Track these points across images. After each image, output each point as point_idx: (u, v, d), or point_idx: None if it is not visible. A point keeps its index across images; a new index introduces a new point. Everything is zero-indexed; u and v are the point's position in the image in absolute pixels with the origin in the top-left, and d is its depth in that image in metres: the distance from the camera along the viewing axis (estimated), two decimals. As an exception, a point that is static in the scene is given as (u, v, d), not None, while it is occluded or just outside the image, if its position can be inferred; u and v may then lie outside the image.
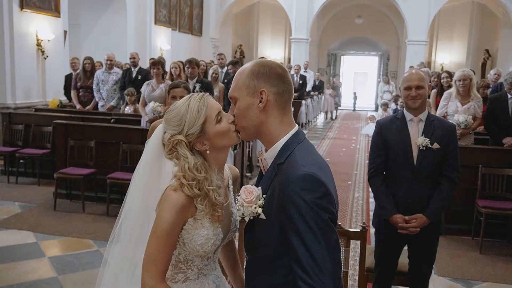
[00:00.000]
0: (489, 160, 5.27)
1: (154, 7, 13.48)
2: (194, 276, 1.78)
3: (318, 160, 1.56)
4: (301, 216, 1.42)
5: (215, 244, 1.72)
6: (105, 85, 7.96)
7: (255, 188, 1.55)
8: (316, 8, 16.89)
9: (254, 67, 1.58)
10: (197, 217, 1.67)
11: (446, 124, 3.14)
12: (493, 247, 5.11)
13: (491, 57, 18.35)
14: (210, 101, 1.69)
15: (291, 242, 1.45)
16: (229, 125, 1.65)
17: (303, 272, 1.42)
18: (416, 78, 3.03)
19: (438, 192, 3.04)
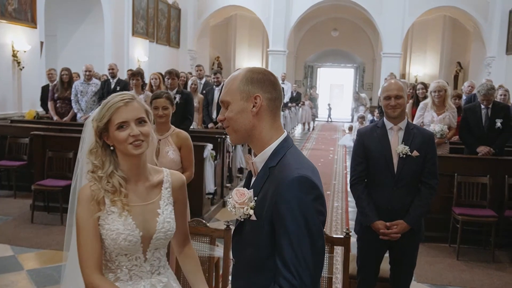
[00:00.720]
0: (464, 169, 5.40)
1: (131, 18, 13.46)
2: (125, 277, 1.82)
3: (310, 164, 1.63)
4: (294, 217, 1.48)
5: (129, 240, 1.77)
6: (84, 96, 7.89)
7: (246, 191, 1.60)
8: (293, 20, 17.10)
9: (248, 73, 1.63)
10: (108, 211, 1.77)
11: (425, 133, 3.23)
12: (469, 253, 5.22)
13: (463, 69, 18.85)
14: (124, 108, 1.75)
15: (280, 241, 1.51)
16: (128, 137, 1.74)
17: (287, 271, 1.47)
18: (395, 88, 3.12)
19: (418, 199, 3.11)
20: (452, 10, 16.89)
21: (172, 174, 1.96)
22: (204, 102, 7.86)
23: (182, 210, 1.99)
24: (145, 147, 1.79)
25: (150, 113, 1.87)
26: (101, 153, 1.80)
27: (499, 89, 7.53)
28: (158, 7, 15.61)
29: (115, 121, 1.76)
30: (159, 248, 1.89)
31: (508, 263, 5.03)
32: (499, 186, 5.34)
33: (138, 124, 1.78)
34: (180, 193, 1.96)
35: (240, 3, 17.47)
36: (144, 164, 1.87)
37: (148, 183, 1.88)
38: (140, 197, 1.85)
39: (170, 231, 1.88)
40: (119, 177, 1.79)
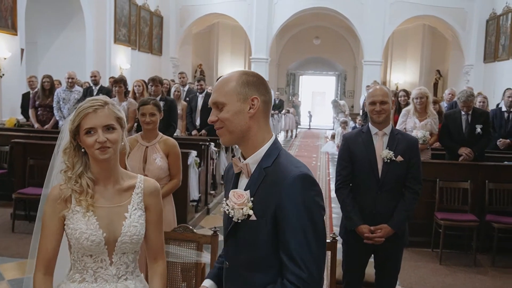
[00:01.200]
0: (446, 174, 5.49)
1: (113, 26, 13.40)
2: (91, 279, 1.85)
3: (304, 163, 1.69)
4: (300, 213, 1.56)
5: (91, 239, 1.79)
6: (66, 103, 7.81)
7: (244, 192, 1.63)
8: (275, 28, 17.21)
9: (243, 76, 1.66)
10: (73, 211, 1.81)
11: (409, 138, 3.28)
12: (452, 258, 5.29)
13: (442, 77, 19.17)
14: (92, 114, 1.79)
15: (285, 237, 1.56)
16: (95, 143, 1.77)
17: (295, 266, 1.53)
18: (381, 93, 3.17)
19: (401, 203, 3.15)
20: (431, 19, 17.21)
21: (146, 181, 1.98)
22: (188, 109, 7.84)
23: (155, 219, 1.96)
24: (111, 153, 1.82)
25: (123, 119, 1.89)
26: (73, 153, 1.85)
27: (478, 96, 7.68)
28: (140, 15, 15.58)
29: (83, 127, 1.80)
30: (127, 253, 1.88)
31: (490, 267, 5.11)
32: (480, 191, 5.44)
33: (106, 131, 1.80)
34: (152, 200, 1.95)
35: (222, 11, 17.53)
36: (113, 168, 1.89)
37: (118, 186, 1.90)
38: (108, 199, 1.87)
39: (136, 236, 1.87)
40: (88, 178, 1.84)
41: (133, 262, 1.93)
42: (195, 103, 7.88)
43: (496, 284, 4.70)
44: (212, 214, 6.87)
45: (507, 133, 6.75)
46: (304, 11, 17.11)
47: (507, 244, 5.37)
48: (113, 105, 1.87)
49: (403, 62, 19.99)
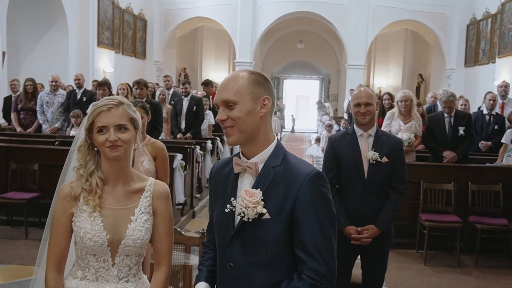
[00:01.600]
0: (430, 176, 5.55)
1: (96, 29, 13.28)
2: (92, 277, 1.86)
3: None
4: (318, 209, 1.62)
5: (94, 240, 1.80)
6: (50, 107, 7.72)
7: (255, 190, 1.63)
8: (260, 32, 17.25)
9: (252, 75, 1.69)
10: (80, 210, 1.83)
11: (394, 139, 3.33)
12: (436, 258, 5.36)
13: (425, 81, 19.42)
14: (106, 113, 1.81)
15: (303, 234, 1.60)
16: (106, 141, 1.79)
17: (313, 261, 1.59)
18: (365, 95, 3.21)
19: (387, 204, 3.19)
20: (413, 23, 17.42)
21: (156, 184, 1.96)
22: (173, 113, 7.82)
23: (161, 225, 1.93)
24: (121, 151, 1.82)
25: (137, 121, 1.91)
26: (87, 151, 1.87)
27: (460, 100, 7.79)
28: (124, 18, 15.48)
29: (96, 124, 1.82)
30: (130, 256, 1.88)
31: (473, 267, 5.18)
32: (463, 193, 5.52)
33: (118, 131, 1.81)
34: (160, 204, 1.93)
35: (206, 14, 17.51)
36: (124, 168, 1.89)
37: (127, 188, 1.90)
38: (115, 201, 1.87)
39: (140, 240, 1.86)
40: (98, 178, 1.85)
41: (136, 264, 1.92)
42: (180, 107, 7.86)
43: (480, 284, 4.77)
44: (198, 218, 6.85)
45: (488, 135, 6.86)
46: (288, 15, 17.18)
47: (490, 245, 5.46)
48: (129, 106, 1.88)
49: (386, 66, 20.20)
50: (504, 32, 12.56)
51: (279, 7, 16.85)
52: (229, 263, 1.70)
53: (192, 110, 7.79)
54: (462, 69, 16.07)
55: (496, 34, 13.38)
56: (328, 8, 16.58)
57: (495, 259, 5.35)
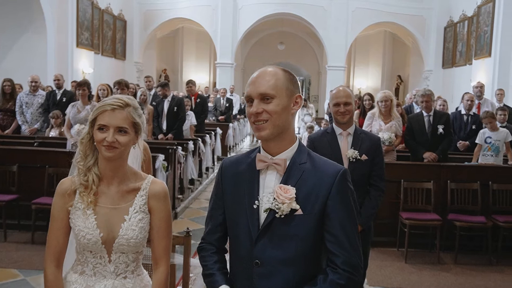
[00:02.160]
0: (410, 175, 5.63)
1: (75, 29, 13.13)
2: (90, 272, 1.87)
3: None
4: (349, 205, 1.69)
5: (87, 238, 1.81)
6: (29, 108, 7.59)
7: (289, 187, 1.66)
8: (240, 33, 17.27)
9: (286, 73, 1.72)
10: (75, 207, 1.84)
11: (372, 137, 3.40)
12: (417, 256, 5.43)
13: (403, 82, 19.70)
14: (109, 113, 1.80)
15: (336, 228, 1.65)
16: (103, 140, 1.79)
17: (348, 254, 1.64)
18: (344, 95, 3.27)
19: (367, 201, 3.26)
20: (392, 25, 17.66)
21: (152, 183, 1.95)
22: (154, 113, 7.76)
23: (158, 224, 1.92)
24: (116, 153, 1.82)
25: (140, 125, 1.89)
26: (87, 144, 1.87)
27: (438, 100, 7.95)
28: (103, 19, 15.34)
29: (98, 122, 1.82)
30: (126, 253, 1.87)
31: (452, 264, 5.27)
32: (442, 191, 5.62)
33: (117, 132, 1.81)
34: (156, 203, 1.91)
35: (187, 16, 17.47)
36: (119, 168, 1.88)
37: (122, 187, 1.89)
38: (110, 199, 1.87)
39: (134, 239, 1.85)
40: (94, 174, 1.85)
41: (135, 261, 1.92)
42: (161, 107, 7.81)
43: (459, 280, 4.86)
44: (180, 219, 6.82)
45: (466, 135, 7.00)
46: (269, 17, 17.25)
47: (468, 242, 5.56)
48: (135, 109, 1.86)
49: (366, 67, 20.42)
50: (480, 34, 12.83)
51: (259, 9, 16.90)
52: (255, 260, 1.69)
53: (173, 110, 7.76)
54: (440, 70, 16.36)
55: (472, 36, 13.66)
56: (308, 10, 16.70)
57: (474, 256, 5.46)
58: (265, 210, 1.68)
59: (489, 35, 12.18)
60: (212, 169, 10.05)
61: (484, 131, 6.19)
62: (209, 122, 12.26)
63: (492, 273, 5.06)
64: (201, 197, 8.28)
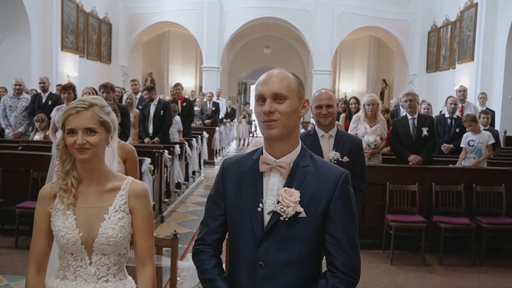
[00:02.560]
0: (395, 177, 5.69)
1: (60, 32, 12.99)
2: (71, 276, 1.86)
3: None
4: (351, 208, 1.73)
5: (67, 238, 1.81)
6: (13, 111, 7.51)
7: (294, 190, 1.68)
8: (226, 38, 17.27)
9: (296, 77, 1.75)
10: (55, 209, 1.85)
11: (354, 139, 3.46)
12: (402, 258, 5.48)
13: (388, 86, 19.88)
14: (74, 116, 1.80)
15: (338, 231, 1.68)
16: (74, 144, 1.79)
17: (348, 257, 1.69)
18: (326, 97, 3.31)
19: None
20: (377, 30, 17.83)
21: (132, 183, 1.95)
22: (141, 117, 7.74)
23: (140, 224, 1.92)
24: (89, 154, 1.82)
25: (109, 123, 1.89)
26: (63, 150, 1.88)
27: (422, 103, 8.04)
28: (89, 22, 15.22)
29: (66, 126, 1.84)
30: (107, 255, 1.86)
31: (437, 265, 5.33)
32: (427, 193, 5.68)
33: (86, 133, 1.81)
34: (137, 203, 1.92)
35: (173, 19, 17.42)
36: (96, 169, 1.89)
37: (101, 187, 1.90)
38: (89, 200, 1.88)
39: (113, 238, 1.84)
40: (73, 177, 1.86)
41: (117, 264, 1.90)
42: (147, 111, 7.79)
43: (444, 281, 4.91)
44: (166, 222, 6.79)
45: (450, 138, 7.09)
46: (255, 21, 17.29)
47: (453, 244, 5.62)
48: (101, 108, 1.86)
49: (351, 71, 20.57)
50: (463, 38, 13.01)
51: (246, 13, 16.93)
52: (259, 262, 1.70)
53: (160, 114, 7.74)
54: (424, 74, 16.55)
55: (455, 41, 13.84)
56: (295, 15, 16.78)
57: (458, 257, 5.52)
58: (268, 212, 1.69)
59: (471, 40, 12.36)
60: (198, 173, 10.03)
61: (467, 135, 6.30)
62: (196, 126, 12.24)
63: (476, 274, 5.12)
64: (188, 201, 8.25)
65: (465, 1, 12.86)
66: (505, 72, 11.08)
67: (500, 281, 4.97)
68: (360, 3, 16.50)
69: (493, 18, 11.60)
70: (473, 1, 12.35)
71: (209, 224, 1.86)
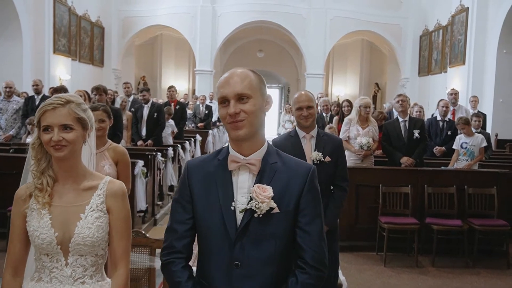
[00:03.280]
0: (388, 180, 5.71)
1: (52, 35, 12.96)
2: (46, 278, 1.83)
3: None
4: (318, 201, 1.77)
5: (42, 238, 1.78)
6: (3, 114, 7.45)
7: (266, 186, 1.67)
8: (219, 41, 17.28)
9: (256, 74, 1.74)
10: (31, 208, 1.81)
11: (335, 139, 3.50)
12: (395, 260, 5.49)
13: (381, 90, 19.96)
14: (50, 112, 1.78)
15: (309, 224, 1.71)
16: (50, 141, 1.76)
17: (318, 249, 1.71)
18: (306, 99, 3.35)
19: (332, 201, 3.35)
20: (369, 34, 17.92)
21: (110, 182, 1.92)
22: (133, 120, 7.72)
23: (116, 224, 1.87)
24: (66, 151, 1.79)
25: (85, 120, 1.86)
26: (38, 149, 1.85)
27: (415, 106, 8.09)
28: (81, 25, 15.18)
29: (42, 123, 1.80)
30: (84, 256, 1.83)
31: (430, 267, 5.35)
32: (420, 195, 5.71)
33: (62, 130, 1.78)
34: (114, 202, 1.88)
35: (166, 23, 17.40)
36: (73, 167, 1.86)
37: (78, 186, 1.87)
38: (65, 199, 1.84)
39: (90, 238, 1.80)
40: (48, 177, 1.82)
41: (94, 265, 1.86)
42: (140, 113, 7.77)
43: (437, 283, 4.93)
44: (159, 225, 6.76)
45: (442, 141, 7.14)
46: (248, 24, 17.31)
47: (446, 246, 5.65)
48: (77, 105, 1.83)
49: (344, 75, 20.64)
50: (455, 42, 13.11)
51: (238, 16, 16.95)
52: (235, 262, 1.68)
53: (153, 117, 7.72)
54: (416, 78, 16.64)
55: (447, 45, 13.94)
56: (287, 18, 16.83)
57: (451, 259, 5.54)
58: (241, 210, 1.68)
59: (463, 44, 12.45)
60: (191, 176, 9.98)
61: (460, 137, 6.34)
62: (189, 129, 12.23)
63: (468, 275, 5.15)
64: (181, 204, 8.21)
65: (456, 6, 12.96)
66: (496, 76, 11.17)
67: (493, 282, 4.99)
68: (352, 7, 16.57)
69: (484, 22, 11.70)
70: (464, 5, 12.45)
71: (176, 229, 1.78)
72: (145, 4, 17.38)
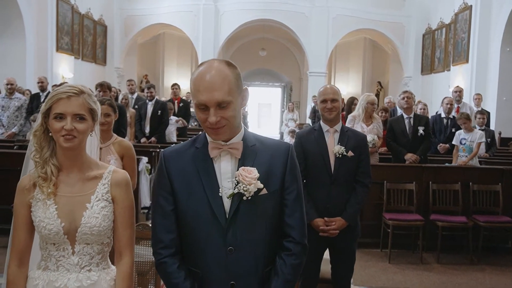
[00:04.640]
0: (393, 176, 5.71)
1: (55, 34, 12.96)
2: (53, 267, 1.83)
3: None
4: (299, 177, 1.80)
5: (48, 228, 1.77)
6: (5, 111, 7.45)
7: (251, 168, 1.68)
8: (222, 40, 17.27)
9: (231, 67, 1.68)
10: (36, 198, 1.80)
11: (359, 135, 3.46)
12: (400, 256, 5.50)
13: (383, 88, 19.92)
14: (65, 100, 1.76)
15: (294, 202, 1.75)
16: (61, 129, 1.74)
17: (302, 226, 1.77)
18: (331, 92, 3.31)
19: (353, 197, 3.30)
20: (372, 32, 17.88)
21: (114, 172, 1.92)
22: (137, 117, 7.72)
23: (121, 213, 1.88)
24: (76, 142, 1.78)
25: (96, 112, 1.86)
26: (42, 136, 1.83)
27: (419, 104, 8.09)
28: (84, 23, 15.19)
29: (54, 111, 1.78)
30: (91, 244, 1.83)
31: (435, 264, 5.35)
32: (424, 192, 5.70)
33: (75, 120, 1.77)
34: (118, 191, 1.88)
35: (168, 21, 17.40)
36: (78, 157, 1.85)
37: (83, 175, 1.86)
38: (71, 188, 1.83)
39: (97, 228, 1.81)
40: (52, 165, 1.80)
41: (100, 253, 1.87)
42: (144, 111, 7.77)
43: (442, 279, 4.92)
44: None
45: (446, 138, 7.12)
46: (250, 23, 17.29)
47: (450, 242, 5.64)
48: (90, 96, 1.84)
49: (346, 73, 20.61)
50: (458, 41, 13.08)
51: (241, 15, 16.94)
52: (229, 247, 1.68)
53: (157, 114, 7.72)
54: (419, 76, 16.61)
55: (450, 43, 13.91)
56: (290, 17, 16.81)
57: (455, 255, 5.55)
58: (228, 196, 1.67)
59: (466, 42, 12.42)
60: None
61: (459, 133, 6.33)
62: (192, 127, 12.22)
63: (473, 272, 5.14)
64: (184, 201, 8.22)
65: (460, 4, 12.93)
66: (500, 74, 11.15)
67: (497, 279, 4.99)
68: (355, 5, 16.54)
69: (488, 20, 11.67)
70: (468, 3, 12.42)
71: (162, 223, 1.75)
72: (148, 2, 17.38)
